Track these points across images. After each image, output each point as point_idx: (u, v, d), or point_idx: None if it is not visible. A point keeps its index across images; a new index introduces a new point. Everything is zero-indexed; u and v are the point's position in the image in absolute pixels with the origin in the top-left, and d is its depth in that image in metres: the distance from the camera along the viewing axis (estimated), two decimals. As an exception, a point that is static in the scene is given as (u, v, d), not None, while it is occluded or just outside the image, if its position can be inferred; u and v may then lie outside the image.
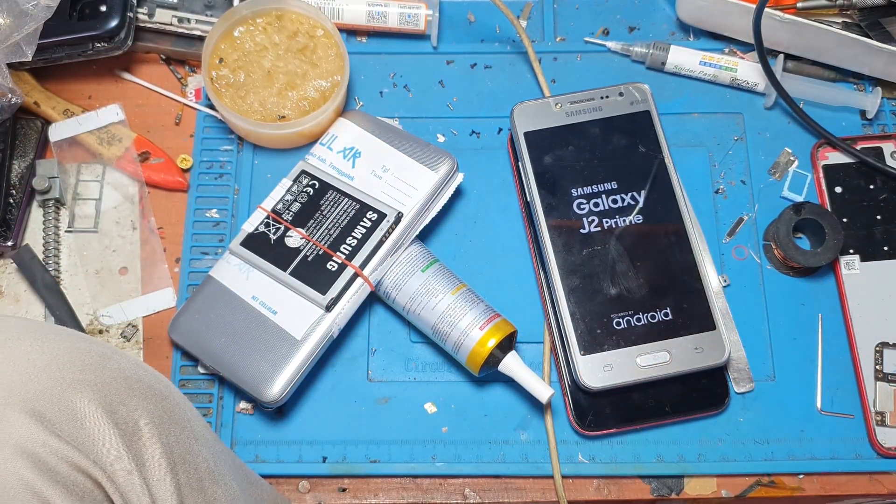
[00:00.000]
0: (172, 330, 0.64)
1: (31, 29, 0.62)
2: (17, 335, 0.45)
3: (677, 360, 0.60)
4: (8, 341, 0.44)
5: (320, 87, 0.69)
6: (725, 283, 0.67)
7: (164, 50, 0.73)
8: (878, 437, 0.62)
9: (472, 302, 0.62)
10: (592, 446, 0.63)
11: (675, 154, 0.68)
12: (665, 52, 0.72)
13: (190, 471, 0.46)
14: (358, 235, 0.63)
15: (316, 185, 0.65)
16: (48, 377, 0.43)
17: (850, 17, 0.72)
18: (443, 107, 0.73)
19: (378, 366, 0.65)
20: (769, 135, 0.72)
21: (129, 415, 0.45)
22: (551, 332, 0.64)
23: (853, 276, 0.67)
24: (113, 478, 0.43)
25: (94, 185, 0.70)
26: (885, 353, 0.64)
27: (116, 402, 0.45)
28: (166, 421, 0.47)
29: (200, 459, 0.48)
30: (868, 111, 0.71)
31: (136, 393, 0.46)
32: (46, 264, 0.67)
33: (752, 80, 0.72)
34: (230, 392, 0.64)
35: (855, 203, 0.69)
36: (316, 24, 0.70)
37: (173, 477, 0.45)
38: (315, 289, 0.61)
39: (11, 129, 0.69)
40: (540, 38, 0.75)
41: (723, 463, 0.62)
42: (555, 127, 0.66)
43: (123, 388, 0.46)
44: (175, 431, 0.47)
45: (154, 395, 0.47)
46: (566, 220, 0.64)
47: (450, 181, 0.66)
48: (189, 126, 0.72)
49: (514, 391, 0.64)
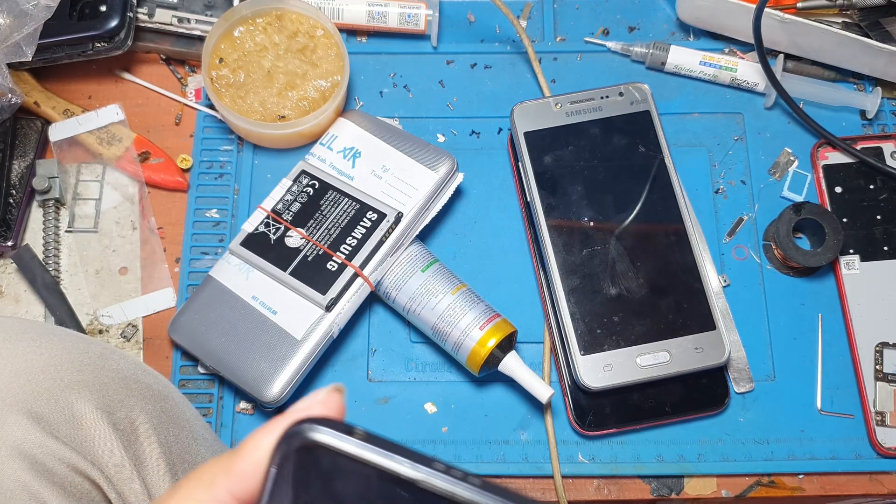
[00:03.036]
0: (172, 330, 0.64)
1: (31, 29, 0.62)
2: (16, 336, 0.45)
3: (677, 360, 0.60)
4: (6, 342, 0.44)
5: (320, 87, 0.69)
6: (725, 283, 0.67)
7: (164, 50, 0.73)
8: (878, 437, 0.62)
9: (472, 302, 0.62)
10: (592, 446, 0.63)
11: (675, 154, 0.68)
12: (665, 52, 0.72)
13: (189, 470, 0.46)
14: (358, 235, 0.63)
15: (316, 185, 0.65)
16: (46, 378, 0.43)
17: (850, 17, 0.72)
18: (443, 107, 0.73)
19: (378, 366, 0.65)
20: (769, 135, 0.72)
21: (127, 415, 0.45)
22: (551, 332, 0.64)
23: (853, 276, 0.67)
24: (111, 478, 0.43)
25: (94, 185, 0.70)
26: (885, 353, 0.64)
27: (115, 402, 0.45)
28: (165, 421, 0.47)
29: (200, 459, 0.48)
30: (868, 111, 0.71)
31: (134, 393, 0.46)
32: (46, 264, 0.67)
33: (752, 80, 0.72)
34: (230, 392, 0.64)
35: (855, 203, 0.69)
36: (316, 24, 0.70)
37: (172, 477, 0.45)
38: (315, 289, 0.61)
39: (11, 129, 0.69)
40: (540, 38, 0.75)
41: (723, 463, 0.62)
42: (555, 127, 0.66)
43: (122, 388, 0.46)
44: (174, 431, 0.47)
45: (152, 395, 0.48)
46: (566, 220, 0.64)
47: (450, 181, 0.66)
48: (189, 126, 0.72)
49: (514, 391, 0.64)
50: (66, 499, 0.41)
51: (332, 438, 0.22)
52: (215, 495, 0.23)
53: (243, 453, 0.24)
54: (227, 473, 0.23)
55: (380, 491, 0.21)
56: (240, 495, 0.23)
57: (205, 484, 0.24)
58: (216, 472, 0.24)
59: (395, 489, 0.21)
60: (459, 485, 0.21)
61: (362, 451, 0.22)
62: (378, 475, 0.21)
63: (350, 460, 0.22)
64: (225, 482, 0.23)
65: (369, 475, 0.22)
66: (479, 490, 0.21)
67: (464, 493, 0.21)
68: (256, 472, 0.23)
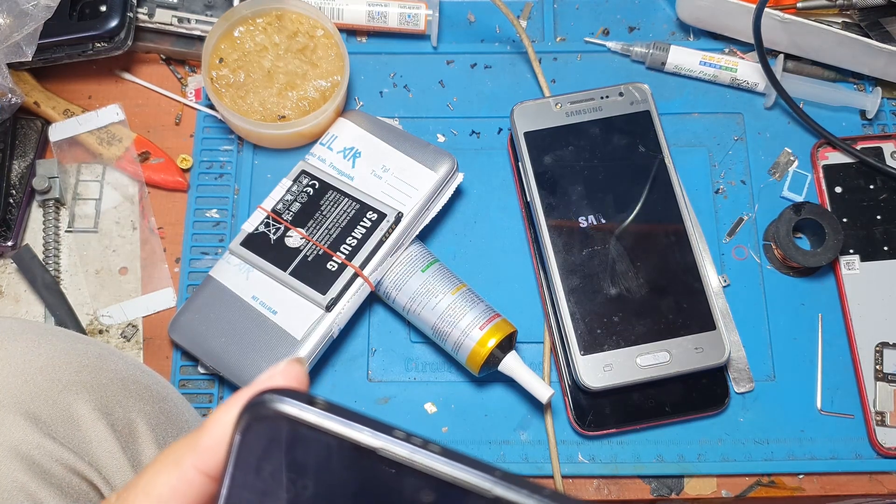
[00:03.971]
0: (172, 330, 0.64)
1: (31, 29, 0.62)
2: (14, 336, 0.45)
3: (677, 360, 0.60)
4: (4, 342, 0.44)
5: (320, 87, 0.69)
6: (725, 283, 0.67)
7: (164, 50, 0.73)
8: (878, 437, 0.62)
9: (472, 302, 0.62)
10: (592, 446, 0.63)
11: (675, 154, 0.68)
12: (665, 52, 0.72)
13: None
14: (358, 235, 0.63)
15: (316, 185, 0.65)
16: (44, 379, 0.43)
17: (850, 17, 0.72)
18: (443, 107, 0.73)
19: (378, 366, 0.65)
20: (769, 135, 0.72)
21: (125, 416, 0.45)
22: (551, 332, 0.64)
23: (853, 276, 0.66)
24: (108, 479, 0.43)
25: (94, 185, 0.70)
26: (885, 353, 0.64)
27: (113, 403, 0.45)
28: (163, 422, 0.47)
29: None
30: (868, 111, 0.71)
31: (132, 394, 0.46)
32: (46, 264, 0.67)
33: (752, 80, 0.72)
34: (230, 392, 0.64)
35: (855, 203, 0.68)
36: (316, 24, 0.70)
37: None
38: (315, 289, 0.61)
39: (11, 129, 0.69)
40: (540, 38, 0.75)
41: (723, 463, 0.62)
42: (555, 127, 0.66)
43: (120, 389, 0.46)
44: (172, 432, 0.47)
45: (151, 396, 0.47)
46: (566, 220, 0.64)
47: (450, 181, 0.66)
48: (189, 126, 0.72)
49: (514, 391, 0.64)
50: (64, 500, 0.41)
51: (292, 408, 0.22)
52: (183, 473, 0.24)
53: (207, 428, 0.24)
54: (193, 450, 0.24)
55: (341, 460, 0.22)
56: (207, 470, 0.24)
57: (171, 463, 0.24)
58: (182, 450, 0.24)
59: (357, 458, 0.21)
60: (419, 452, 0.21)
61: (323, 421, 0.22)
62: (339, 444, 0.22)
63: (312, 430, 0.22)
64: (191, 458, 0.24)
65: (330, 444, 0.22)
66: (438, 457, 0.21)
67: (423, 459, 0.21)
68: (221, 445, 0.23)
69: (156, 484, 0.24)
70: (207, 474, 0.24)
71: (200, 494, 0.24)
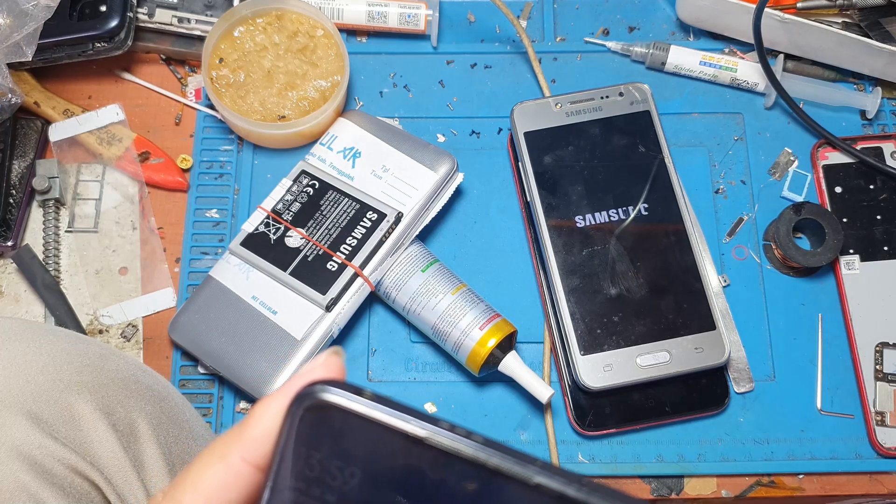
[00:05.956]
0: (172, 330, 0.64)
1: (31, 29, 0.62)
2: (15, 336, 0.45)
3: (677, 360, 0.60)
4: (5, 343, 0.44)
5: (320, 87, 0.69)
6: (725, 283, 0.67)
7: (164, 50, 0.73)
8: (878, 437, 0.62)
9: (472, 302, 0.62)
10: (592, 446, 0.63)
11: (675, 154, 0.68)
12: (665, 52, 0.72)
13: (189, 471, 0.46)
14: (358, 235, 0.63)
15: (316, 185, 0.65)
16: (45, 379, 0.43)
17: (850, 17, 0.72)
18: (443, 107, 0.73)
19: (378, 366, 0.65)
20: (769, 135, 0.72)
21: (126, 416, 0.45)
22: (551, 332, 0.64)
23: (853, 276, 0.67)
24: (110, 479, 0.43)
25: (94, 185, 0.70)
26: (885, 353, 0.64)
27: (114, 403, 0.45)
28: (164, 422, 0.47)
29: (200, 459, 0.48)
30: (868, 111, 0.71)
31: (133, 394, 0.46)
32: (46, 264, 0.67)
33: (752, 80, 0.72)
34: (230, 392, 0.65)
35: (855, 203, 0.69)
36: (316, 24, 0.70)
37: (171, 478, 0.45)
38: (315, 289, 0.61)
39: (11, 129, 0.69)
40: (540, 38, 0.75)
41: (723, 463, 0.62)
42: (555, 127, 0.66)
43: (121, 389, 0.46)
44: (173, 432, 0.47)
45: (152, 395, 0.48)
46: (566, 220, 0.64)
47: (450, 181, 0.66)
48: (189, 126, 0.72)
49: (514, 391, 0.64)
50: (66, 500, 0.41)
51: (343, 399, 0.23)
52: (230, 465, 0.24)
53: (253, 420, 0.24)
54: (240, 441, 0.24)
55: (388, 449, 0.22)
56: (254, 461, 0.24)
57: (218, 456, 0.24)
58: (228, 443, 0.24)
59: (403, 447, 0.22)
60: (464, 441, 0.22)
61: (372, 411, 0.23)
62: (387, 433, 0.22)
63: (360, 419, 0.23)
64: (239, 450, 0.24)
65: (378, 433, 0.23)
66: (482, 446, 0.22)
67: (468, 448, 0.22)
68: (267, 436, 0.24)
69: (204, 477, 0.24)
70: (254, 465, 0.24)
71: (248, 485, 0.24)
